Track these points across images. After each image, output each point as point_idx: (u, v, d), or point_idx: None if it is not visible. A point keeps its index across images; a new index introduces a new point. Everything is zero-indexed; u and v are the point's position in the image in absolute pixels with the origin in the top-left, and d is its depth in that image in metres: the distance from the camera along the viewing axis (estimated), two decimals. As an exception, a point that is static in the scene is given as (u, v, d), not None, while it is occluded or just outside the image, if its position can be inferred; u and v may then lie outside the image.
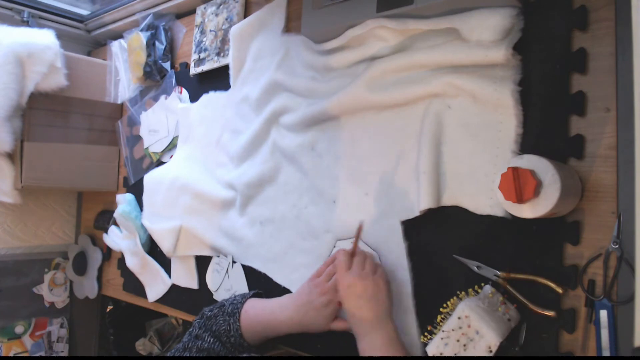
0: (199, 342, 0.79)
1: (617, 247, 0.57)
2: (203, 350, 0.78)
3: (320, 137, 0.87)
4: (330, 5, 0.81)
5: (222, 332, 0.81)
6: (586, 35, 0.62)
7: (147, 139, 1.25)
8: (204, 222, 1.04)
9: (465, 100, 0.70)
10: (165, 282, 1.14)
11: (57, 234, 1.52)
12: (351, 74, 0.83)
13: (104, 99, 1.38)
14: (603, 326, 0.57)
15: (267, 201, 0.95)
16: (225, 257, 1.00)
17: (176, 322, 1.65)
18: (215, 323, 0.81)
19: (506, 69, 0.66)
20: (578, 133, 0.62)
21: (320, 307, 0.77)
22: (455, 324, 0.62)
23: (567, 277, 0.61)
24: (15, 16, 1.33)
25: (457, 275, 0.70)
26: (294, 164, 0.91)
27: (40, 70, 1.17)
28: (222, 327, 0.81)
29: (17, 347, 1.43)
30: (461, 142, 0.71)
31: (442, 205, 0.71)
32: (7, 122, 1.13)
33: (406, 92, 0.75)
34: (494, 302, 0.63)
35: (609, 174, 0.59)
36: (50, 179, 1.24)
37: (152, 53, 1.21)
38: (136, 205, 1.22)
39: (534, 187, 0.54)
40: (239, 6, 1.06)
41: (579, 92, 0.62)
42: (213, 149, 1.08)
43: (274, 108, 0.94)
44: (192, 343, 0.79)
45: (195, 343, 0.79)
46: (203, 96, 1.12)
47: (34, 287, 1.47)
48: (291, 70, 0.92)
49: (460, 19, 0.68)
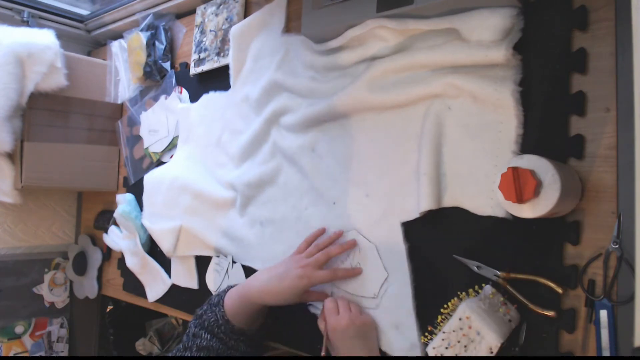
0: (197, 340, 0.80)
1: (617, 247, 0.57)
2: (202, 348, 0.79)
3: (320, 138, 0.87)
4: (330, 5, 0.81)
5: (212, 324, 0.81)
6: (586, 35, 0.62)
7: (147, 139, 1.25)
8: (204, 222, 1.04)
9: (465, 101, 0.70)
10: (165, 282, 1.14)
11: (57, 234, 1.52)
12: (351, 74, 0.83)
13: (104, 99, 1.38)
14: (603, 326, 0.57)
15: (267, 202, 0.95)
16: (225, 257, 1.00)
17: (176, 322, 1.65)
18: (206, 318, 0.82)
19: (506, 69, 0.66)
20: (578, 133, 0.62)
21: (295, 277, 0.78)
22: (456, 324, 0.62)
23: (567, 277, 0.61)
24: (15, 16, 1.33)
25: (457, 276, 0.70)
26: (294, 165, 0.91)
27: (40, 70, 1.17)
28: (211, 319, 0.81)
29: (17, 347, 1.43)
30: (461, 143, 0.71)
31: (442, 206, 0.71)
32: (7, 122, 1.13)
33: (407, 92, 0.75)
34: (494, 303, 0.63)
35: (609, 174, 0.59)
36: (50, 179, 1.24)
37: (152, 53, 1.21)
38: (136, 205, 1.22)
39: (534, 187, 0.54)
40: (239, 6, 1.06)
41: (579, 92, 0.62)
42: (213, 149, 1.08)
43: (274, 108, 0.94)
44: (191, 342, 0.80)
45: (194, 342, 0.79)
46: (203, 96, 1.12)
47: (34, 287, 1.47)
48: (291, 70, 0.92)
49: (460, 19, 0.68)
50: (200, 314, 0.84)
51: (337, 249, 0.80)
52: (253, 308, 0.82)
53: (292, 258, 0.82)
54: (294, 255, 0.82)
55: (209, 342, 0.79)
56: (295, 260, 0.81)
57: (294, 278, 0.78)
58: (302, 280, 0.77)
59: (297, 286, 0.78)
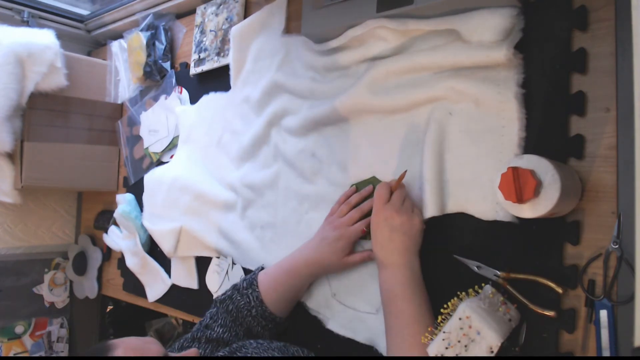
0: (208, 332, 0.79)
1: (617, 247, 0.57)
2: (211, 340, 0.78)
3: (321, 143, 0.87)
4: (330, 5, 0.81)
5: (241, 307, 0.80)
6: (586, 35, 0.62)
7: (147, 139, 1.25)
8: (204, 223, 1.04)
9: (467, 106, 0.70)
10: (165, 282, 1.14)
11: (57, 234, 1.52)
12: (352, 75, 0.83)
13: (104, 99, 1.38)
14: (603, 326, 0.57)
15: (267, 205, 0.94)
16: (225, 259, 1.00)
17: (176, 322, 1.65)
18: (231, 302, 0.81)
19: (508, 70, 0.66)
20: (578, 133, 0.62)
21: (332, 241, 0.77)
22: (456, 324, 0.62)
23: (567, 277, 0.61)
24: (15, 16, 1.33)
25: (457, 276, 0.70)
26: (295, 169, 0.90)
27: (40, 70, 1.17)
28: (241, 302, 0.80)
29: (17, 347, 1.43)
30: (464, 148, 0.70)
31: (446, 212, 0.71)
32: (7, 122, 1.13)
33: (409, 96, 0.74)
34: (494, 303, 0.63)
35: (609, 174, 0.59)
36: (50, 179, 1.24)
37: (152, 53, 1.21)
38: (136, 205, 1.22)
39: (534, 187, 0.54)
40: (239, 6, 1.06)
41: (579, 92, 0.62)
42: (214, 150, 1.08)
43: (275, 109, 0.94)
44: (200, 333, 0.79)
45: (205, 333, 0.78)
46: (203, 97, 1.12)
47: (34, 287, 1.47)
48: (292, 71, 0.92)
49: (460, 19, 0.68)
50: (222, 299, 0.83)
51: (370, 202, 0.77)
52: (294, 285, 0.81)
53: (326, 221, 0.81)
54: (328, 218, 0.81)
55: (220, 336, 0.78)
56: (328, 222, 0.80)
57: (332, 242, 0.77)
58: (339, 241, 0.77)
59: (337, 248, 0.77)
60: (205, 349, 0.77)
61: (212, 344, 0.78)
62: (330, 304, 0.83)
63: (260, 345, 0.72)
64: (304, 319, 0.86)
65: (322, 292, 0.84)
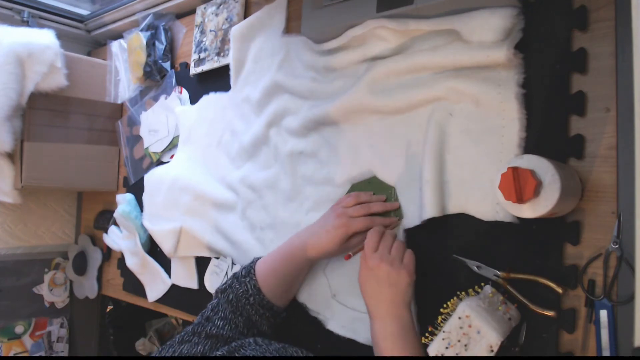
0: (208, 325, 0.78)
1: (617, 247, 0.57)
2: (211, 336, 0.76)
3: (321, 144, 0.87)
4: (330, 5, 0.81)
5: (240, 296, 0.80)
6: (586, 35, 0.62)
7: (147, 139, 1.25)
8: (204, 223, 1.04)
9: (467, 106, 0.70)
10: (165, 282, 1.14)
11: (57, 234, 1.52)
12: (352, 75, 0.83)
13: (104, 99, 1.38)
14: (603, 326, 0.57)
15: (267, 206, 0.94)
16: (225, 259, 1.00)
17: (176, 322, 1.65)
18: (231, 291, 0.81)
19: (508, 69, 0.66)
20: (578, 133, 0.62)
21: (331, 228, 0.77)
22: (456, 324, 0.62)
23: (567, 277, 0.61)
24: (15, 16, 1.33)
25: (457, 276, 0.70)
26: (295, 170, 0.90)
27: (40, 70, 1.17)
28: (239, 290, 0.80)
29: (17, 347, 1.43)
30: (464, 149, 0.70)
31: (447, 213, 0.71)
32: (7, 122, 1.13)
33: (409, 97, 0.74)
34: (494, 302, 0.63)
35: (609, 174, 0.59)
36: (50, 179, 1.24)
37: (152, 53, 1.21)
38: (136, 205, 1.22)
39: (534, 187, 0.54)
40: (239, 6, 1.06)
41: (579, 92, 0.62)
42: (214, 150, 1.08)
43: (275, 110, 0.94)
44: (201, 327, 0.77)
45: (205, 327, 0.77)
46: (203, 97, 1.12)
47: (34, 287, 1.47)
48: (292, 71, 0.92)
49: (460, 19, 0.68)
50: (223, 289, 0.83)
51: (379, 205, 0.77)
52: (291, 271, 0.81)
53: (331, 208, 0.81)
54: (334, 206, 0.81)
55: (219, 331, 0.77)
56: (333, 209, 0.80)
57: (331, 229, 0.77)
58: (339, 229, 0.76)
59: (336, 236, 0.76)
60: (204, 345, 0.76)
61: (212, 340, 0.77)
62: (331, 304, 0.83)
63: (259, 346, 0.72)
64: (304, 320, 0.86)
65: (322, 293, 0.84)
